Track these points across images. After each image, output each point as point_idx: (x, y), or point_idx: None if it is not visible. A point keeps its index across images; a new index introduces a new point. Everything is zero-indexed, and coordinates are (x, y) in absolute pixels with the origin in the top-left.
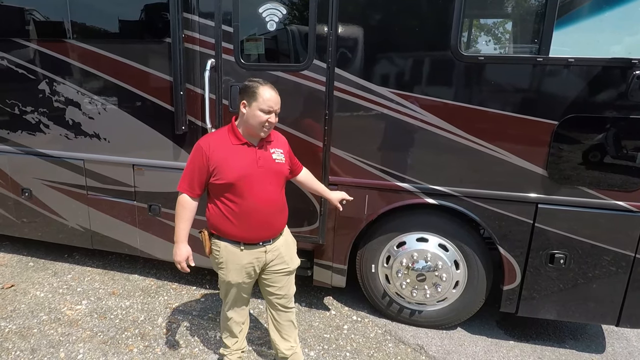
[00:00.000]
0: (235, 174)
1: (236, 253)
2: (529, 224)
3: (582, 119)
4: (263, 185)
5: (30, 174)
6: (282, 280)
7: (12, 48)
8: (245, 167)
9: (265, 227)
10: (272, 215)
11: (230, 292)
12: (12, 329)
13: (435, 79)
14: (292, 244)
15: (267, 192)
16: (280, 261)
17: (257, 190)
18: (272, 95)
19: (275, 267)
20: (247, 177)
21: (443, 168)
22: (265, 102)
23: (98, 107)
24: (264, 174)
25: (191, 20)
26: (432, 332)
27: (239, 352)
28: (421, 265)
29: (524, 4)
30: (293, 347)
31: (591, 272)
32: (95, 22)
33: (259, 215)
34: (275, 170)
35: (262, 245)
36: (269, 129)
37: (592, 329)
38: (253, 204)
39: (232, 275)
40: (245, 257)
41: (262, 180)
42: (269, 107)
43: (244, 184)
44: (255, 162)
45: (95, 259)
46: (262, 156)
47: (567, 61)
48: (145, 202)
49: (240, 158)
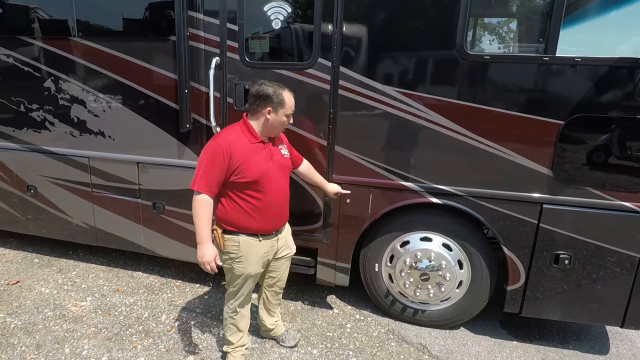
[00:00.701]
0: (257, 171)
1: (255, 245)
2: (533, 224)
3: (589, 119)
4: (278, 179)
5: (35, 171)
6: (284, 265)
7: (18, 46)
8: (264, 164)
9: (279, 217)
10: (284, 206)
11: (245, 284)
12: (18, 325)
13: (440, 78)
14: (289, 230)
15: (280, 185)
16: (286, 247)
17: (275, 184)
18: (292, 100)
19: (283, 252)
20: (267, 173)
21: (447, 167)
22: (290, 107)
23: (103, 104)
24: (277, 169)
25: (196, 19)
26: (435, 332)
27: (243, 349)
28: (425, 265)
29: (530, 3)
30: (277, 321)
31: (596, 273)
32: (101, 20)
33: (276, 207)
34: (285, 165)
35: (275, 234)
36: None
37: (596, 330)
38: (272, 198)
39: (252, 266)
40: (263, 247)
41: (276, 175)
42: (292, 110)
43: (265, 180)
44: (270, 158)
45: (99, 256)
46: (274, 152)
47: (573, 61)
48: (149, 200)
49: (259, 156)
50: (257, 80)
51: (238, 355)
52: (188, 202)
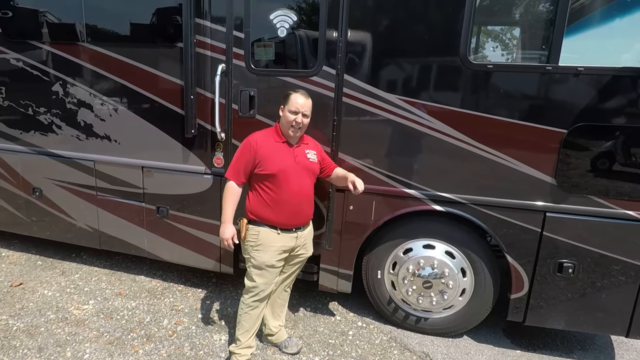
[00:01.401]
0: (276, 166)
1: (273, 236)
2: (537, 232)
3: (592, 128)
4: (298, 178)
5: (41, 174)
6: (298, 264)
7: (28, 50)
8: (284, 162)
9: (296, 215)
10: (302, 205)
11: (262, 275)
12: (20, 327)
13: (444, 86)
14: (312, 233)
15: (300, 184)
16: (304, 247)
17: (293, 182)
18: (300, 99)
19: (299, 251)
20: (286, 170)
21: (450, 175)
22: (293, 104)
23: (109, 109)
24: (299, 169)
25: (203, 26)
26: (438, 340)
27: (249, 352)
28: (427, 272)
29: (533, 12)
30: (280, 326)
31: (600, 282)
32: (110, 26)
33: (292, 203)
34: (309, 167)
35: (295, 231)
36: (296, 128)
37: (601, 340)
38: (288, 194)
39: (267, 256)
40: (280, 240)
41: (297, 174)
42: (296, 108)
43: (283, 176)
44: (293, 159)
45: (102, 259)
46: (299, 154)
47: (576, 70)
48: (153, 204)
49: (281, 154)
50: (262, 86)
51: (247, 354)
52: (192, 207)
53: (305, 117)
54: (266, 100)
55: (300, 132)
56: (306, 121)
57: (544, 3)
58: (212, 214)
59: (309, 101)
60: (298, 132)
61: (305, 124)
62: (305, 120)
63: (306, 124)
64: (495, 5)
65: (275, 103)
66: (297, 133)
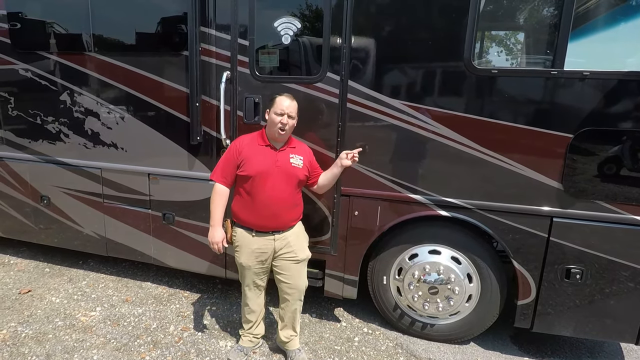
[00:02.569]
0: (255, 168)
1: (248, 238)
2: (543, 238)
3: (598, 132)
4: (276, 182)
5: (49, 182)
6: (291, 269)
7: (36, 60)
8: (264, 164)
9: (273, 218)
10: (281, 210)
11: (243, 275)
12: (29, 334)
13: (448, 91)
14: (302, 237)
15: (278, 189)
16: (289, 249)
17: (271, 185)
18: (285, 101)
19: (284, 254)
20: (264, 173)
21: (456, 180)
22: (278, 106)
23: (116, 117)
24: (279, 173)
25: (208, 34)
26: (445, 347)
27: (251, 336)
28: (433, 278)
29: (538, 17)
30: (292, 336)
31: (608, 288)
32: (117, 36)
33: (269, 207)
34: (290, 172)
35: (272, 234)
36: (282, 129)
37: (610, 347)
38: (265, 197)
39: (244, 257)
40: (256, 242)
41: (276, 178)
42: (281, 110)
43: (260, 179)
44: (274, 162)
45: (109, 266)
46: (280, 158)
47: (582, 74)
48: (159, 211)
49: (262, 156)
50: (266, 93)
51: (246, 340)
52: (198, 213)
53: (290, 118)
54: None
55: (286, 134)
56: (292, 122)
57: (548, 7)
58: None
59: (294, 103)
60: (284, 133)
61: (291, 125)
62: (291, 121)
63: (292, 125)
64: (500, 10)
65: None
66: (283, 134)
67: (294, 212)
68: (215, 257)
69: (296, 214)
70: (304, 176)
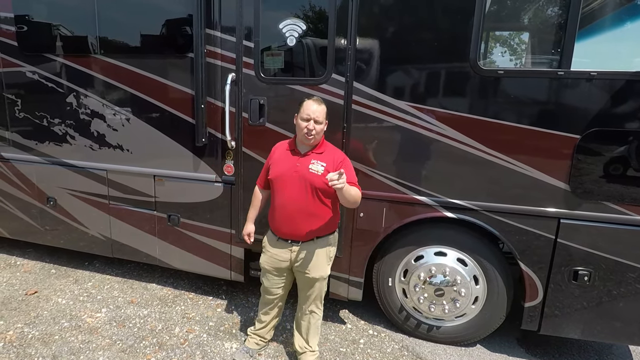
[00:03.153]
0: (275, 172)
1: (273, 241)
2: (550, 239)
3: (606, 133)
4: (294, 187)
5: (55, 183)
6: (304, 282)
7: (43, 63)
8: (283, 168)
9: (287, 222)
10: (295, 215)
11: (263, 277)
12: (35, 335)
13: (454, 92)
14: (321, 255)
15: (294, 194)
16: (303, 266)
17: (288, 189)
18: (311, 105)
19: (299, 268)
20: (282, 176)
21: (461, 181)
22: (304, 111)
23: (122, 119)
24: (295, 178)
25: (213, 36)
26: (451, 349)
27: (258, 338)
28: (439, 280)
29: (544, 17)
30: (306, 348)
31: (616, 290)
32: (122, 38)
33: (284, 209)
34: (306, 178)
35: (290, 243)
36: (309, 134)
37: (619, 350)
38: (282, 200)
39: (264, 258)
40: (276, 247)
41: (292, 183)
42: (307, 115)
43: (279, 182)
44: (293, 167)
45: (114, 267)
46: (301, 163)
47: (589, 75)
48: (164, 212)
49: (285, 161)
50: (271, 95)
51: (252, 342)
52: (203, 215)
53: (317, 123)
54: (276, 108)
55: (314, 139)
56: (319, 127)
57: (554, 7)
58: (223, 222)
59: (321, 107)
60: (311, 138)
61: (318, 130)
62: (319, 126)
63: (319, 130)
64: (505, 10)
65: (284, 111)
66: (311, 140)
67: (313, 223)
68: (220, 258)
69: (315, 226)
70: (322, 184)
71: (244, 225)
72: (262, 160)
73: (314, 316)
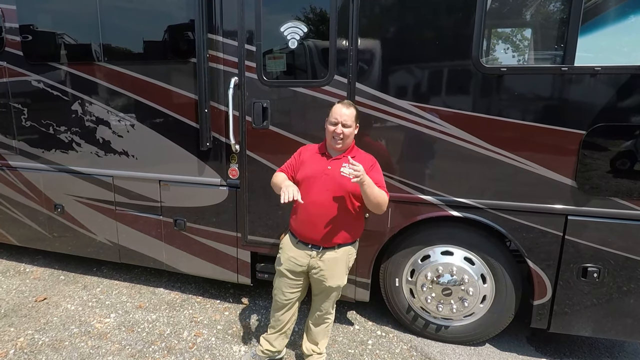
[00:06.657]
0: (304, 173)
1: (291, 244)
2: (558, 236)
3: (612, 128)
4: (322, 189)
5: (62, 190)
6: (320, 289)
7: (48, 71)
8: (313, 170)
9: (309, 224)
10: (319, 217)
11: (277, 278)
12: (45, 342)
13: (457, 90)
14: (340, 263)
15: (322, 196)
16: (321, 274)
17: (315, 191)
18: (340, 109)
19: (317, 274)
20: (312, 178)
21: (466, 180)
22: (333, 115)
23: (126, 125)
24: (326, 181)
25: (215, 41)
26: (460, 349)
27: (268, 345)
28: (447, 279)
29: (546, 13)
30: (314, 351)
31: (627, 286)
32: (125, 45)
33: (308, 210)
34: (338, 182)
35: (310, 248)
36: (337, 138)
37: (631, 347)
38: (307, 202)
39: (281, 261)
40: (294, 250)
41: (322, 185)
42: (335, 118)
43: (307, 184)
44: (324, 169)
45: (122, 273)
46: (332, 166)
47: (593, 70)
48: (170, 217)
49: (315, 162)
50: (274, 98)
51: (259, 350)
52: (208, 219)
53: (346, 127)
54: (279, 111)
55: (343, 143)
56: (347, 131)
57: (556, 2)
58: (229, 225)
59: (350, 110)
60: (340, 142)
61: (346, 134)
62: (347, 130)
63: (348, 134)
64: (507, 6)
65: (288, 113)
66: (340, 144)
67: (336, 229)
68: (227, 262)
69: (338, 232)
70: (352, 188)
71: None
72: (267, 163)
73: (326, 321)
